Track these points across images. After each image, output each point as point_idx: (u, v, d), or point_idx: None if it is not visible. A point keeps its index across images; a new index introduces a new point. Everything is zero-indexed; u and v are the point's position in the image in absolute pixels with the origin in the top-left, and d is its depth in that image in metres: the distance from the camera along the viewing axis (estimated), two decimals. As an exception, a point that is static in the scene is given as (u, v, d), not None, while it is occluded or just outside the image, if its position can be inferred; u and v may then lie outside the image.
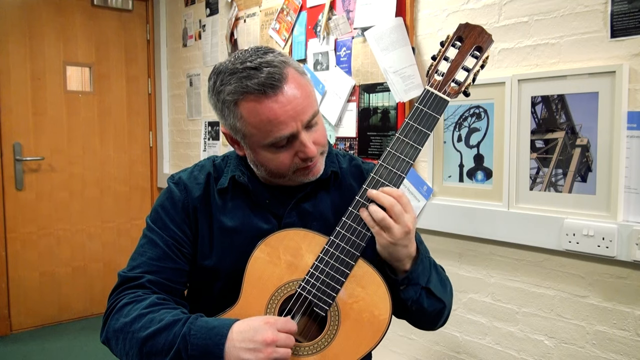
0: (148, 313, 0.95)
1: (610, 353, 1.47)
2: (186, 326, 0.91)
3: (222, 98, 0.98)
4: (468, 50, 1.01)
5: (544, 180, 1.58)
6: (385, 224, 0.94)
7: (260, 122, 0.95)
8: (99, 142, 3.56)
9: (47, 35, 3.33)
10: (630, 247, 1.38)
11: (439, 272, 1.09)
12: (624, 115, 1.39)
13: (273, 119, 0.94)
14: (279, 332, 0.89)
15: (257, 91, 0.93)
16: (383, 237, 0.95)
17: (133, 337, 0.93)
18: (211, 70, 1.02)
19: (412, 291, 1.00)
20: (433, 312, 1.05)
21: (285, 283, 0.99)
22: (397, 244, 0.95)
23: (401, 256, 0.98)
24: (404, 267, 0.99)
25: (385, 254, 0.98)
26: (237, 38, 2.91)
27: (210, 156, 1.18)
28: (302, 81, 0.99)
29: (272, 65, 0.95)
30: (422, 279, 1.01)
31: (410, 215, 0.96)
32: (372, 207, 0.96)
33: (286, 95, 0.94)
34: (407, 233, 0.95)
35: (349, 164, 1.17)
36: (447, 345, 1.90)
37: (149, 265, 1.04)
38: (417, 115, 0.99)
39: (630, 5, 1.38)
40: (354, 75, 2.17)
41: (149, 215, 1.11)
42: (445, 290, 1.08)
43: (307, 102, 0.97)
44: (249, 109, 0.96)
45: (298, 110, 0.95)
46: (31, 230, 3.34)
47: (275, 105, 0.94)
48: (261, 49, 0.99)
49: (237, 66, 0.96)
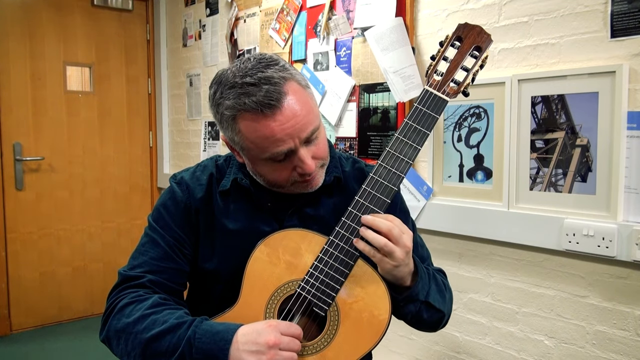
0: (151, 314, 0.95)
1: (610, 353, 1.47)
2: (191, 330, 0.91)
3: (220, 111, 0.97)
4: (467, 50, 1.01)
5: (544, 180, 1.58)
6: (388, 249, 0.93)
7: (258, 138, 0.94)
8: (99, 142, 3.56)
9: (47, 35, 3.33)
10: (630, 247, 1.38)
11: (438, 282, 1.09)
12: (624, 115, 1.39)
13: (270, 136, 0.93)
14: (282, 335, 0.89)
15: (254, 110, 0.92)
16: (386, 262, 0.94)
17: (136, 338, 0.93)
18: (215, 75, 1.01)
19: (412, 306, 1.01)
20: (432, 322, 1.07)
21: (285, 283, 0.98)
22: (400, 265, 0.95)
23: (404, 275, 0.98)
24: (405, 283, 1.00)
25: (389, 277, 0.98)
26: (237, 38, 2.91)
27: (213, 156, 1.18)
28: (304, 97, 0.96)
29: (272, 83, 0.92)
30: (421, 294, 1.02)
31: (407, 234, 0.95)
32: (371, 234, 0.93)
33: (284, 113, 0.92)
34: (408, 253, 0.95)
35: (352, 167, 1.16)
36: (447, 345, 1.90)
37: (150, 264, 1.04)
38: (417, 115, 0.99)
39: (630, 5, 1.37)
40: (354, 75, 2.17)
41: (151, 214, 1.11)
42: (444, 300, 1.08)
43: (307, 119, 0.95)
44: (246, 125, 0.94)
45: (297, 128, 0.93)
46: (31, 230, 3.34)
47: (273, 123, 0.92)
48: (264, 60, 0.96)
49: (237, 80, 0.93)
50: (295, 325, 0.93)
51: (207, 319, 0.95)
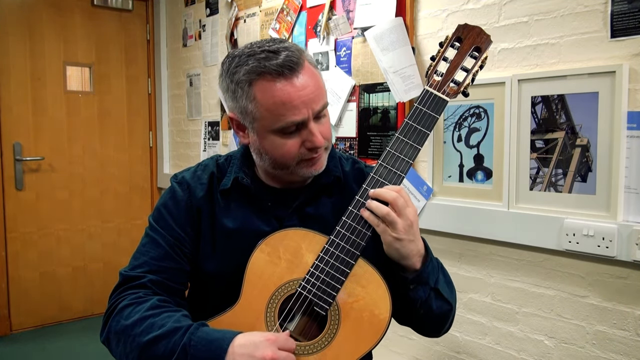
0: (149, 317, 0.95)
1: (610, 353, 1.47)
2: (186, 336, 0.90)
3: (236, 79, 0.98)
4: (467, 51, 1.01)
5: (544, 180, 1.58)
6: (390, 218, 0.94)
7: (274, 105, 0.95)
8: (99, 142, 3.56)
9: (47, 35, 3.33)
10: (630, 247, 1.38)
11: (445, 274, 1.09)
12: (624, 115, 1.39)
13: (287, 102, 0.95)
14: (279, 350, 0.89)
15: (275, 72, 0.94)
16: (388, 234, 0.95)
17: (134, 341, 0.93)
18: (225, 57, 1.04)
19: (422, 291, 1.00)
20: (440, 314, 1.05)
21: (286, 282, 0.99)
22: (403, 239, 0.95)
23: (410, 252, 0.97)
24: (414, 265, 0.99)
25: (393, 253, 0.97)
26: (237, 38, 2.91)
27: (213, 155, 1.18)
28: (315, 72, 1.01)
29: (291, 51, 0.97)
30: (431, 279, 1.01)
31: (411, 208, 0.96)
32: (374, 204, 0.96)
33: (301, 80, 0.96)
34: (411, 226, 0.95)
35: (352, 167, 1.17)
36: (447, 345, 1.90)
37: (151, 264, 1.04)
38: (417, 115, 0.99)
39: (630, 5, 1.38)
40: (354, 75, 2.17)
41: (152, 214, 1.11)
42: (452, 292, 1.08)
43: (320, 92, 0.99)
44: (263, 90, 0.96)
45: (311, 98, 0.96)
46: (31, 230, 3.34)
47: (290, 88, 0.95)
48: (278, 39, 1.02)
49: (256, 49, 0.97)
50: (290, 339, 0.92)
51: (204, 324, 0.94)
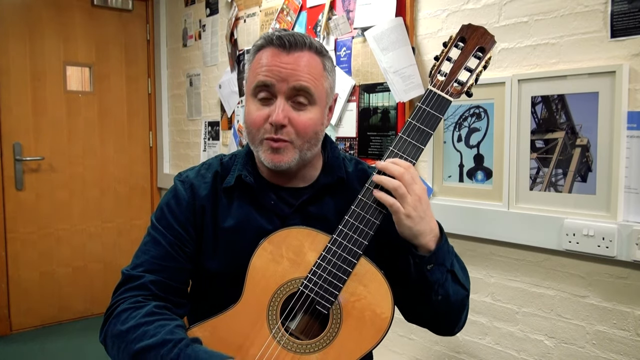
0: (143, 324, 0.95)
1: (610, 353, 1.48)
2: (174, 352, 0.90)
3: (251, 51, 1.07)
4: (471, 51, 1.02)
5: (544, 180, 1.58)
6: (401, 191, 0.94)
7: (255, 63, 1.04)
8: (99, 142, 3.56)
9: (47, 35, 3.33)
10: (630, 247, 1.39)
11: (459, 260, 1.09)
12: (624, 115, 1.39)
13: (265, 64, 1.01)
14: None
15: (271, 43, 1.02)
16: (401, 212, 0.94)
17: (127, 347, 0.94)
18: None
19: (439, 273, 0.99)
20: (456, 301, 1.03)
21: (288, 281, 0.99)
22: (413, 215, 0.94)
23: (422, 230, 0.96)
24: (427, 245, 0.98)
25: (406, 232, 0.96)
26: (237, 38, 2.91)
27: (218, 154, 1.19)
28: (316, 64, 1.03)
29: (295, 36, 1.02)
30: (447, 260, 1.00)
31: (419, 185, 0.96)
32: (384, 177, 0.96)
33: (288, 57, 1.01)
34: (419, 202, 0.95)
35: (355, 167, 1.17)
36: (447, 345, 1.90)
37: (151, 264, 1.04)
38: (420, 114, 1.00)
39: (630, 5, 1.38)
40: (354, 75, 2.18)
41: (154, 213, 1.12)
42: (467, 277, 1.08)
43: (303, 76, 1.00)
44: (259, 55, 1.04)
45: (287, 73, 1.00)
46: (31, 230, 3.34)
47: (274, 56, 1.01)
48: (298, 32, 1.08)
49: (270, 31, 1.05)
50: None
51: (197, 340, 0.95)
